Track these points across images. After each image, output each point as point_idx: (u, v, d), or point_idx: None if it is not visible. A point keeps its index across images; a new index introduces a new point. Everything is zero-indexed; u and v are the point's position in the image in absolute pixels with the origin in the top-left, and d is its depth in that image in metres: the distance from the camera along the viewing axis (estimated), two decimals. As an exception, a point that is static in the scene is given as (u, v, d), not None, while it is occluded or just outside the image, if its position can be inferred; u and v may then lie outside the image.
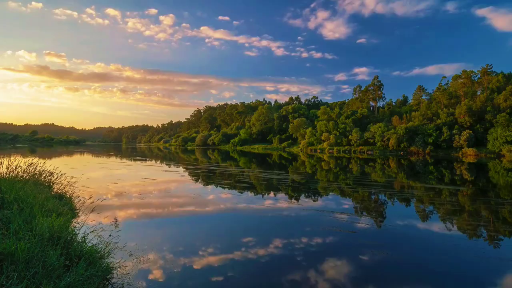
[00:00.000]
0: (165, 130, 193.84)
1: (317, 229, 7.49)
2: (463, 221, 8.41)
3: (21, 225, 4.55)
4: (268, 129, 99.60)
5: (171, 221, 8.27)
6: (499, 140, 47.46)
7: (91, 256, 4.45)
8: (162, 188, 13.80)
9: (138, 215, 8.78)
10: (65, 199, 8.74)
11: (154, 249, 5.92)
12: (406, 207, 10.54)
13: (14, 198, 5.76)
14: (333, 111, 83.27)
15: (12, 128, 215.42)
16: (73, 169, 20.55)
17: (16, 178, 7.84)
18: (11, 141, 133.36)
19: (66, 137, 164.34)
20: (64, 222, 5.06)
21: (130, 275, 4.65)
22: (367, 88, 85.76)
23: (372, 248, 6.18)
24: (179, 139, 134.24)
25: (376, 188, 14.31)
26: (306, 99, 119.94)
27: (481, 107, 54.57)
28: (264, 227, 7.81)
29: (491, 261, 5.60)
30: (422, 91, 78.28)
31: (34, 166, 9.82)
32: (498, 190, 13.94)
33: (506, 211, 9.45)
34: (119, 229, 6.97)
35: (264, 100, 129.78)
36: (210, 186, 14.91)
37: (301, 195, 12.53)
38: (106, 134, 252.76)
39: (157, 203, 10.51)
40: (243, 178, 18.16)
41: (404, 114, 67.33)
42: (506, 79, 63.19)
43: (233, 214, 9.31)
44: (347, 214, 9.11)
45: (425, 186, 14.94)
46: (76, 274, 3.81)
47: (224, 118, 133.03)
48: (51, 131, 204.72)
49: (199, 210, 9.70)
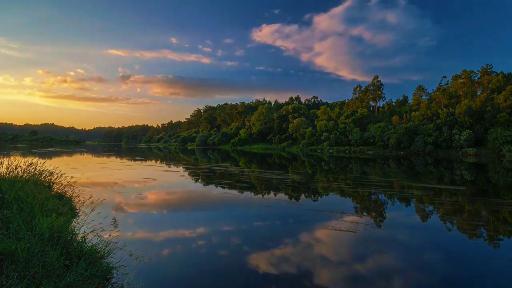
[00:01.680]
0: (165, 130, 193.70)
1: (317, 229, 7.49)
2: (463, 221, 8.41)
3: (21, 225, 4.55)
4: (268, 129, 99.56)
5: (171, 221, 8.27)
6: (499, 140, 47.46)
7: (91, 256, 4.45)
8: (162, 188, 13.80)
9: (138, 215, 8.78)
10: (65, 199, 8.74)
11: (154, 249, 5.92)
12: (406, 207, 10.54)
13: (14, 198, 5.76)
14: (333, 111, 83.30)
15: (12, 128, 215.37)
16: (73, 169, 20.55)
17: (16, 178, 7.84)
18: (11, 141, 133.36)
19: (66, 137, 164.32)
20: (64, 222, 5.06)
21: (130, 275, 4.65)
22: (367, 88, 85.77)
23: (372, 248, 6.18)
24: (179, 139, 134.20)
25: (376, 188, 14.31)
26: (306, 99, 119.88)
27: (481, 107, 54.56)
28: (264, 227, 7.81)
29: (491, 261, 5.61)
30: (422, 91, 78.28)
31: (34, 166, 9.82)
32: (498, 190, 13.95)
33: (506, 211, 9.45)
34: (119, 229, 6.98)
35: (264, 100, 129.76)
36: (210, 186, 14.91)
37: (301, 195, 12.53)
38: (106, 134, 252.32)
39: (157, 203, 10.51)
40: (243, 178, 18.15)
41: (404, 114, 67.32)
42: (506, 79, 63.18)
43: (233, 214, 9.31)
44: (347, 214, 9.11)
45: (425, 186, 14.94)
46: (76, 274, 3.81)
47: (224, 118, 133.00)
48: (51, 131, 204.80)
49: (199, 210, 9.71)
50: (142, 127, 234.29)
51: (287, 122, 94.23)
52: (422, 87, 78.20)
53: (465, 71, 67.62)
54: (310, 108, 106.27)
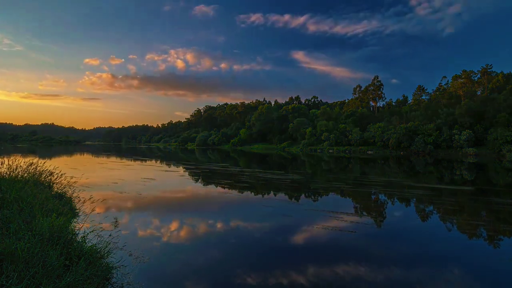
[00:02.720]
0: (165, 130, 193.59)
1: (317, 229, 7.49)
2: (463, 221, 8.41)
3: (21, 225, 4.55)
4: (268, 129, 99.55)
5: (171, 221, 8.27)
6: (499, 140, 47.47)
7: (91, 256, 4.45)
8: (162, 188, 13.81)
9: (138, 215, 8.78)
10: (65, 199, 8.74)
11: (154, 248, 5.92)
12: (406, 207, 10.54)
13: (14, 198, 5.76)
14: (333, 111, 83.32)
15: (12, 128, 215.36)
16: (73, 169, 20.55)
17: (16, 178, 7.84)
18: (11, 141, 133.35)
19: (66, 137, 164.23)
20: (64, 222, 5.06)
21: (130, 275, 4.66)
22: (367, 88, 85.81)
23: (372, 247, 6.18)
24: (179, 139, 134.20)
25: (376, 188, 14.31)
26: (306, 99, 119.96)
27: (481, 107, 54.58)
28: (264, 227, 7.81)
29: (490, 261, 5.61)
30: (422, 91, 78.34)
31: (34, 166, 9.83)
32: (498, 190, 13.95)
33: (506, 211, 9.45)
34: (119, 229, 6.98)
35: (264, 100, 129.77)
36: (210, 186, 14.91)
37: (301, 195, 12.53)
38: (106, 134, 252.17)
39: (157, 203, 10.51)
40: (243, 178, 18.15)
41: (404, 114, 67.36)
42: (506, 79, 63.21)
43: (233, 214, 9.30)
44: (346, 213, 9.11)
45: (425, 186, 14.94)
46: (76, 274, 3.81)
47: (224, 118, 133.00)
48: (51, 131, 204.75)
49: (199, 210, 9.71)
50: (142, 127, 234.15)
51: (287, 122, 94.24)
52: (422, 87, 78.27)
53: (465, 71, 67.67)
54: (310, 108, 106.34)
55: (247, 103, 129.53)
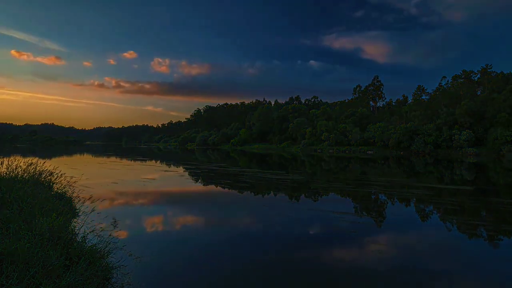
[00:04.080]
0: (165, 130, 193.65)
1: (316, 229, 7.49)
2: (462, 221, 8.41)
3: (21, 225, 4.55)
4: (268, 129, 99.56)
5: (171, 221, 8.27)
6: (499, 140, 47.47)
7: (91, 256, 4.44)
8: (162, 188, 13.81)
9: (138, 215, 8.78)
10: (65, 199, 8.72)
11: (154, 248, 5.91)
12: (406, 207, 10.55)
13: (14, 198, 5.76)
14: (333, 111, 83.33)
15: (12, 128, 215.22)
16: (73, 169, 20.54)
17: (16, 178, 7.83)
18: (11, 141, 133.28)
19: (66, 137, 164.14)
20: (64, 222, 5.06)
21: (130, 275, 4.65)
22: (367, 88, 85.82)
23: (372, 247, 6.18)
24: (179, 139, 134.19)
25: (376, 188, 14.31)
26: (306, 99, 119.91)
27: (481, 107, 54.59)
28: (264, 227, 7.81)
29: (490, 260, 5.61)
30: (422, 91, 78.31)
31: (34, 166, 9.81)
32: (498, 190, 13.95)
33: (506, 211, 9.45)
34: (119, 229, 6.97)
35: (264, 100, 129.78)
36: (210, 186, 14.91)
37: (301, 195, 12.53)
38: (106, 134, 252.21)
39: (157, 203, 10.51)
40: (243, 178, 18.14)
41: (404, 114, 67.36)
42: (506, 79, 63.20)
43: (233, 214, 9.30)
44: (346, 213, 9.11)
45: (425, 186, 14.94)
46: (76, 274, 3.80)
47: (224, 118, 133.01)
48: (51, 131, 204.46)
49: (199, 210, 9.70)
50: (142, 127, 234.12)
51: (287, 122, 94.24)
52: (422, 87, 78.22)
53: (465, 71, 67.72)
54: (310, 108, 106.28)
55: (247, 103, 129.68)
